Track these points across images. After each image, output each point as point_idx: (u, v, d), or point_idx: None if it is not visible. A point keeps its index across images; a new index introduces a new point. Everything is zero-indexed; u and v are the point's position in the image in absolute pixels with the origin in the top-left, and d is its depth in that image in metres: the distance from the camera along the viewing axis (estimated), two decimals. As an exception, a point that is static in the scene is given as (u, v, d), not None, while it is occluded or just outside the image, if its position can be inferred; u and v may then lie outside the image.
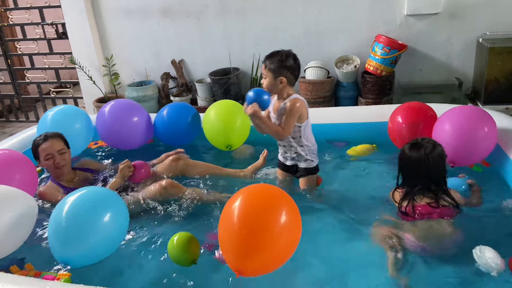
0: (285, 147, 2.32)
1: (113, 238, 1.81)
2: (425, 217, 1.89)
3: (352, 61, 3.84)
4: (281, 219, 1.46)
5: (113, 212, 1.81)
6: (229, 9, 3.96)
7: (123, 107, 2.91)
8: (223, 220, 1.54)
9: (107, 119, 2.83)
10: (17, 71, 4.69)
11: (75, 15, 4.17)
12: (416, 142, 1.95)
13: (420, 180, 1.91)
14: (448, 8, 3.56)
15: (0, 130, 4.73)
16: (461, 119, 2.29)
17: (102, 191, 1.91)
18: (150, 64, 4.32)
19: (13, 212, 1.85)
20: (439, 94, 3.60)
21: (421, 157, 1.89)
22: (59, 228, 1.73)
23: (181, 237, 1.74)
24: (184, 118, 2.91)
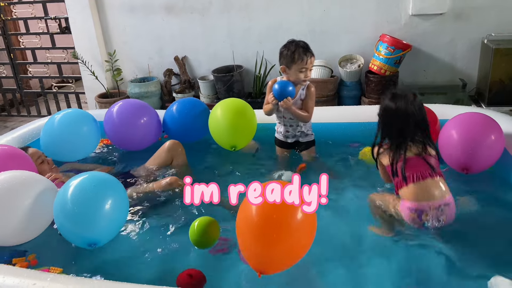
0: (291, 126, 2.54)
1: (121, 208, 1.89)
2: (419, 177, 1.80)
3: (356, 61, 3.83)
4: (298, 213, 1.47)
5: (113, 187, 1.89)
6: (233, 6, 3.95)
7: (132, 108, 2.77)
8: (242, 218, 1.55)
9: (115, 121, 2.70)
10: (19, 65, 4.68)
11: (78, 10, 4.16)
12: (396, 93, 1.86)
13: (408, 131, 1.82)
14: (454, 9, 3.55)
15: (2, 125, 4.73)
16: (468, 125, 2.20)
17: (96, 173, 1.94)
18: (153, 60, 4.31)
19: (35, 194, 1.89)
20: (443, 95, 3.58)
21: (408, 105, 1.81)
22: (73, 214, 1.75)
23: (202, 220, 1.79)
24: (195, 114, 2.83)
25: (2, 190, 1.84)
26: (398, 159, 1.84)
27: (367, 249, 1.84)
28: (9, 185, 1.87)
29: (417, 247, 1.82)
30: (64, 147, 2.58)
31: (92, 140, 2.74)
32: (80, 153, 2.70)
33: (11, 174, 1.94)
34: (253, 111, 2.68)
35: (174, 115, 2.82)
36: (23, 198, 1.85)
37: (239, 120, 2.58)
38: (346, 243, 1.90)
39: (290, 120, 2.52)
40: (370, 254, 1.81)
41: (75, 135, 2.60)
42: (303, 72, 2.36)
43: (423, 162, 1.83)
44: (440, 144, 2.27)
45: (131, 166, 2.60)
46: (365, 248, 1.85)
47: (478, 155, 2.12)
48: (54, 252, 1.97)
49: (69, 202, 1.76)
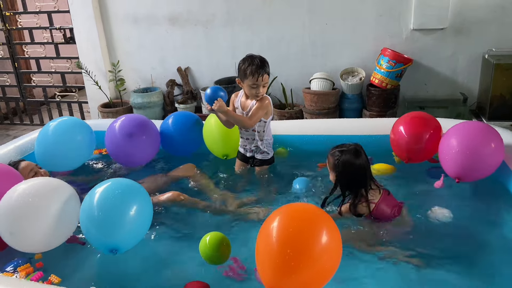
0: (247, 140, 2.57)
1: (145, 215, 1.90)
2: (397, 213, 2.02)
3: (358, 74, 3.85)
4: (322, 239, 1.43)
5: (138, 193, 1.91)
6: (236, 19, 3.99)
7: (134, 124, 2.65)
8: (262, 239, 1.50)
9: (117, 137, 2.59)
10: (23, 74, 4.71)
11: (83, 21, 4.21)
12: (354, 149, 2.00)
13: (366, 181, 2.00)
14: (455, 24, 3.59)
15: (4, 133, 4.75)
16: (468, 135, 2.24)
17: (122, 180, 1.95)
18: (156, 71, 4.35)
19: (60, 201, 1.91)
20: (444, 109, 3.61)
21: (364, 160, 1.99)
22: (97, 220, 1.77)
23: (213, 237, 1.78)
24: (189, 128, 2.84)
25: (31, 196, 1.87)
26: (369, 207, 2.00)
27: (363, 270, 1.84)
28: (37, 192, 1.89)
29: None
30: (57, 156, 2.55)
31: (86, 149, 2.71)
32: (74, 162, 2.68)
33: (38, 181, 1.98)
34: None
35: (170, 130, 2.82)
36: (50, 204, 1.88)
37: (230, 130, 2.60)
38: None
39: (246, 133, 2.54)
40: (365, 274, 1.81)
41: (68, 144, 2.56)
42: (254, 88, 2.37)
43: (391, 196, 2.05)
44: (440, 151, 2.31)
45: (132, 176, 2.60)
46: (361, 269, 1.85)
47: (471, 165, 2.16)
48: (60, 259, 1.97)
49: (95, 208, 1.78)
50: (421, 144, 2.39)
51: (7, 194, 1.90)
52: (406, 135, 2.43)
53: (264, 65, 2.38)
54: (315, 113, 3.82)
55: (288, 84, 3.99)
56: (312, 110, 3.83)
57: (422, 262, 1.81)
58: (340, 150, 2.00)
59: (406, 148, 2.44)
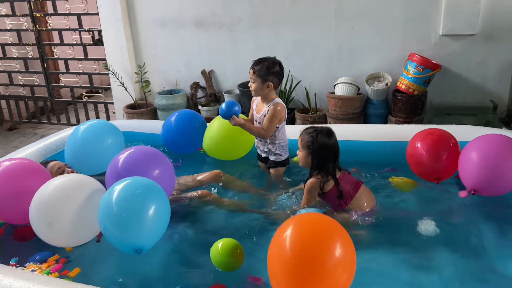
0: (260, 141, 2.64)
1: (165, 213, 1.90)
2: (352, 191, 2.13)
3: (384, 79, 3.81)
4: (336, 252, 1.40)
5: (157, 191, 1.91)
6: (261, 22, 4.00)
7: (144, 158, 2.24)
8: (274, 249, 1.48)
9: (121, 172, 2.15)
10: (52, 74, 4.83)
11: (111, 23, 4.29)
12: (327, 129, 2.15)
13: (335, 160, 2.14)
14: (485, 30, 3.51)
15: (32, 131, 4.87)
16: (488, 147, 2.16)
17: (139, 179, 1.94)
18: (180, 73, 4.39)
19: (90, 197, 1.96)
20: (473, 116, 3.52)
21: (336, 140, 2.15)
22: (121, 221, 1.77)
23: (226, 243, 1.78)
24: (192, 127, 2.91)
25: (66, 189, 1.94)
26: (338, 183, 2.13)
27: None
28: (72, 185, 1.96)
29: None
30: (87, 159, 2.55)
31: (116, 152, 2.60)
32: (105, 165, 2.60)
33: (71, 177, 2.05)
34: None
35: (172, 127, 2.90)
36: (84, 197, 1.94)
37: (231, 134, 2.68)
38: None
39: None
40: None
41: (98, 146, 2.56)
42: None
43: (350, 175, 2.21)
44: (459, 162, 2.26)
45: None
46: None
47: (489, 178, 2.10)
48: (84, 256, 2.01)
49: (115, 209, 1.77)
50: (439, 163, 2.32)
51: (43, 188, 1.95)
52: (424, 152, 2.36)
53: (255, 63, 2.46)
54: (339, 118, 3.79)
55: (312, 88, 3.97)
56: (336, 115, 3.80)
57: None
58: (315, 130, 2.14)
59: (420, 164, 2.39)
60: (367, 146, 2.91)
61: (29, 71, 4.83)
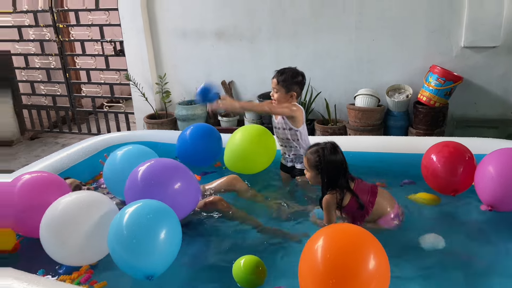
0: (285, 147, 2.63)
1: (176, 237, 1.85)
2: (375, 193, 2.13)
3: (404, 91, 3.81)
4: (370, 264, 1.37)
5: (168, 215, 1.85)
6: (281, 33, 4.04)
7: (168, 171, 2.15)
8: (305, 263, 1.47)
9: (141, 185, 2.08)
10: (73, 84, 4.91)
11: (133, 34, 4.36)
12: (331, 145, 2.14)
13: (345, 173, 2.13)
14: (507, 42, 3.50)
15: (53, 140, 4.95)
16: (505, 161, 2.12)
17: (150, 202, 1.89)
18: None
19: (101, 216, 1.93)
20: (494, 129, 3.51)
21: (342, 155, 2.13)
22: (132, 247, 1.73)
23: (248, 260, 1.78)
24: (206, 141, 2.86)
25: (71, 210, 1.91)
26: (355, 194, 2.12)
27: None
28: (77, 205, 1.93)
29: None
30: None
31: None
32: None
33: (80, 195, 2.03)
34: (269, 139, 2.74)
35: (186, 140, 2.84)
36: (89, 219, 1.90)
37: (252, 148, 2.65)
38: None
39: (282, 140, 2.62)
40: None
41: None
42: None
43: (363, 182, 2.18)
44: (475, 177, 2.24)
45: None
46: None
47: (506, 193, 2.06)
48: (111, 267, 1.98)
49: (126, 233, 1.71)
50: (455, 177, 2.29)
51: (54, 204, 1.93)
52: (439, 165, 2.32)
53: (279, 72, 2.49)
54: (359, 130, 3.80)
55: (332, 99, 3.99)
56: (356, 127, 3.81)
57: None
58: (320, 148, 2.12)
59: (435, 176, 2.36)
60: (389, 158, 2.91)
61: (51, 81, 4.92)
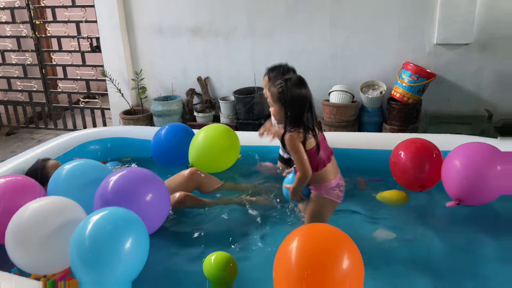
0: (283, 146, 2.56)
1: (142, 250, 1.71)
2: (330, 155, 2.01)
3: (378, 87, 3.81)
4: (344, 264, 1.36)
5: (133, 224, 1.71)
6: (257, 30, 4.03)
7: (137, 182, 2.01)
8: (280, 263, 1.45)
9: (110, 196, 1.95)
10: (50, 80, 4.86)
11: (109, 30, 4.33)
12: (298, 77, 1.91)
13: (310, 110, 1.90)
14: (479, 39, 3.51)
15: (29, 136, 4.88)
16: (471, 156, 2.12)
17: (116, 210, 1.75)
18: (177, 80, 4.41)
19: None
20: (468, 125, 3.51)
21: (308, 90, 1.90)
22: (90, 260, 1.60)
23: (219, 257, 1.73)
24: (180, 140, 2.81)
25: (37, 217, 1.80)
26: (318, 141, 1.93)
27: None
28: (42, 213, 1.81)
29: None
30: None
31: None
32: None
33: (47, 201, 1.89)
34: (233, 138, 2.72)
35: (161, 140, 2.81)
36: (55, 228, 1.77)
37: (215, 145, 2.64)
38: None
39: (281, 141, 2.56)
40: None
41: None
42: None
43: (325, 140, 2.03)
44: (442, 172, 2.23)
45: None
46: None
47: (473, 187, 2.06)
48: None
49: (86, 248, 1.59)
50: (422, 174, 2.29)
51: (20, 211, 1.83)
52: (407, 162, 2.32)
53: (269, 70, 2.43)
54: (333, 126, 3.78)
55: (308, 96, 3.97)
56: (331, 123, 3.80)
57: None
58: (283, 79, 1.89)
59: (403, 173, 2.36)
60: (363, 154, 2.89)
61: (28, 77, 4.86)
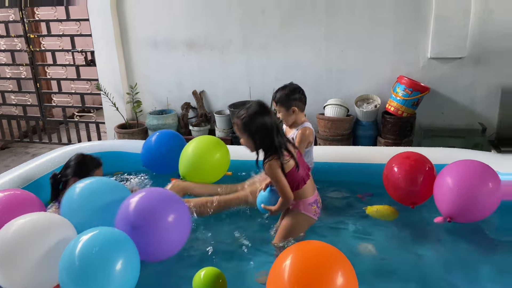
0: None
1: (132, 270, 1.68)
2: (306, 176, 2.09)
3: (373, 101, 3.82)
4: (338, 281, 1.36)
5: (122, 246, 1.68)
6: (252, 44, 4.04)
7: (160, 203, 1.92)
8: (274, 280, 1.44)
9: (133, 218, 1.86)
10: (44, 94, 4.85)
11: (104, 44, 4.33)
12: (258, 105, 1.96)
13: (278, 133, 1.97)
14: (473, 53, 3.54)
15: (24, 150, 4.86)
16: (462, 173, 2.14)
17: (104, 231, 1.71)
18: (172, 93, 4.41)
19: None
20: (461, 139, 3.52)
21: (270, 114, 1.95)
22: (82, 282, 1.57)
23: (209, 273, 1.72)
24: (171, 147, 2.85)
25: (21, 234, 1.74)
26: (296, 161, 2.00)
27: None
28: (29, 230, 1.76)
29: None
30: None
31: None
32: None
33: (33, 217, 1.83)
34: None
35: (152, 147, 2.86)
36: (40, 247, 1.71)
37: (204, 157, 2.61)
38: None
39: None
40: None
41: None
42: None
43: (301, 157, 2.11)
44: (434, 189, 2.24)
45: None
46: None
47: (464, 204, 2.07)
48: None
49: (76, 269, 1.56)
50: (415, 187, 2.31)
51: (6, 227, 1.78)
52: (400, 175, 2.35)
53: (275, 93, 2.43)
54: (328, 139, 3.78)
55: (303, 109, 3.98)
56: (326, 136, 3.80)
57: None
58: (244, 109, 1.96)
59: (395, 187, 2.38)
60: (357, 168, 2.89)
61: (22, 91, 4.85)
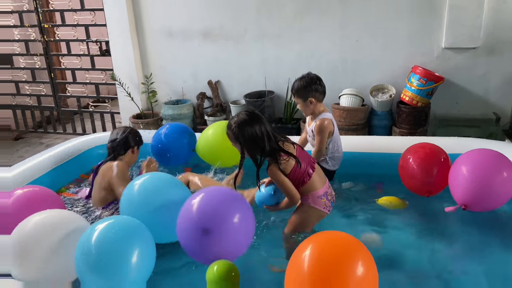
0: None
1: (148, 259, 1.75)
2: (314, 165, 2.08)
3: (388, 90, 3.86)
4: (358, 271, 1.35)
5: (139, 234, 1.75)
6: (267, 34, 4.07)
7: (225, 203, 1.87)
8: (292, 271, 1.44)
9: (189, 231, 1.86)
10: (59, 84, 4.88)
11: (119, 34, 4.35)
12: (247, 114, 1.97)
13: (270, 138, 1.97)
14: (487, 43, 3.58)
15: (38, 141, 4.90)
16: (478, 162, 2.15)
17: (121, 219, 1.79)
18: (187, 83, 4.45)
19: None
20: (476, 128, 3.57)
21: (262, 119, 1.98)
22: (99, 269, 1.63)
23: (222, 266, 1.72)
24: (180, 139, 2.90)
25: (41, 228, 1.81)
26: (296, 158, 2.00)
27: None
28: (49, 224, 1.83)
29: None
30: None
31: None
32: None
33: (47, 214, 1.89)
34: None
35: (161, 140, 2.88)
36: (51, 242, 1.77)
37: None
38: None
39: (312, 146, 2.60)
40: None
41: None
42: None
43: (303, 150, 2.09)
44: (449, 177, 2.25)
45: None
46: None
47: (479, 193, 2.08)
48: None
49: (93, 257, 1.62)
50: (430, 178, 2.32)
51: (23, 223, 1.84)
52: (415, 166, 2.36)
53: (293, 85, 2.49)
54: (343, 129, 3.83)
55: (317, 99, 4.03)
56: (341, 126, 3.84)
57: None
58: (233, 121, 1.97)
59: (411, 177, 2.39)
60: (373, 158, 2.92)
61: (36, 81, 4.88)
